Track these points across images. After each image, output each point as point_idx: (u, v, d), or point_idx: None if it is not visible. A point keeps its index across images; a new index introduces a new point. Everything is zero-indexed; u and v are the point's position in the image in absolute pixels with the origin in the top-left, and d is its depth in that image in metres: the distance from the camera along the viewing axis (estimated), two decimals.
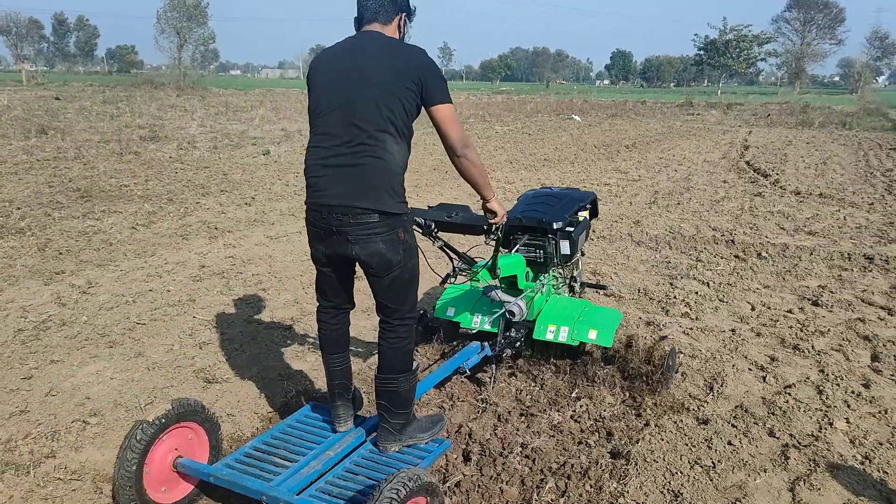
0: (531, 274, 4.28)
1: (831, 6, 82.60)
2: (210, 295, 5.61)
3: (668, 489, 3.08)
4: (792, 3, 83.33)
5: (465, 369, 3.84)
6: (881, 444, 3.51)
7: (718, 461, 3.31)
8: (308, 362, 4.43)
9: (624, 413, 3.78)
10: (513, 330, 4.20)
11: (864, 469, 3.29)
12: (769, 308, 5.60)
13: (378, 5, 2.84)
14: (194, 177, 11.37)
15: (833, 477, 3.21)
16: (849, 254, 7.27)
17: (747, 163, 15.20)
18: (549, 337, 4.07)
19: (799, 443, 3.50)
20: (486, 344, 4.05)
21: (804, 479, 3.16)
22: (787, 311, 5.52)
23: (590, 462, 3.27)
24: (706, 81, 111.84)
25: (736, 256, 7.24)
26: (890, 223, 8.97)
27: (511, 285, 4.08)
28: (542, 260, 4.33)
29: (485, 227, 3.43)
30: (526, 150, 16.96)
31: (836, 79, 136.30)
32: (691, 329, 5.13)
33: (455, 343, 4.51)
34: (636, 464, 3.23)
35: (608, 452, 3.38)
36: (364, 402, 3.38)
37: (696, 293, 5.93)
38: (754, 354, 4.65)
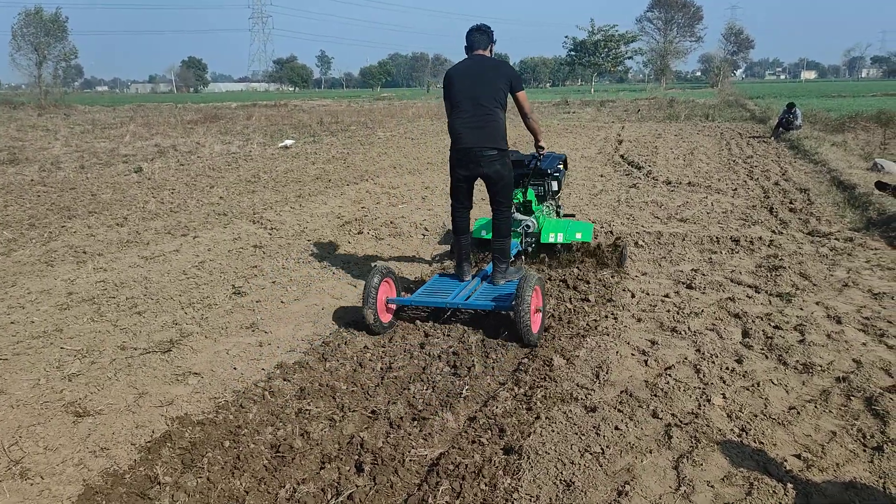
0: (536, 202, 6.57)
1: (689, 5, 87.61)
2: (79, 323, 5.26)
3: (560, 479, 3.11)
4: (653, 3, 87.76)
5: (510, 256, 5.78)
6: (755, 416, 3.68)
7: (607, 447, 3.38)
8: (190, 385, 4.22)
9: (515, 409, 3.81)
10: (528, 238, 6.39)
11: (741, 441, 3.44)
12: (648, 294, 5.82)
13: (481, 40, 5.22)
14: (59, 199, 10.70)
15: (714, 451, 3.34)
16: (717, 237, 7.68)
17: (622, 156, 15.81)
18: (551, 240, 6.38)
19: (681, 421, 3.63)
20: (518, 242, 6.24)
21: (687, 457, 3.28)
22: (665, 296, 5.75)
23: (483, 460, 3.27)
24: (579, 80, 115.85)
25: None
26: (752, 206, 9.55)
27: (525, 209, 6.40)
28: (542, 194, 6.67)
29: (532, 156, 6.23)
30: (409, 154, 16.99)
31: (699, 74, 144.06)
32: None
33: (483, 253, 6.64)
34: (528, 458, 3.25)
35: (501, 449, 3.39)
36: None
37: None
38: (636, 340, 4.80)
